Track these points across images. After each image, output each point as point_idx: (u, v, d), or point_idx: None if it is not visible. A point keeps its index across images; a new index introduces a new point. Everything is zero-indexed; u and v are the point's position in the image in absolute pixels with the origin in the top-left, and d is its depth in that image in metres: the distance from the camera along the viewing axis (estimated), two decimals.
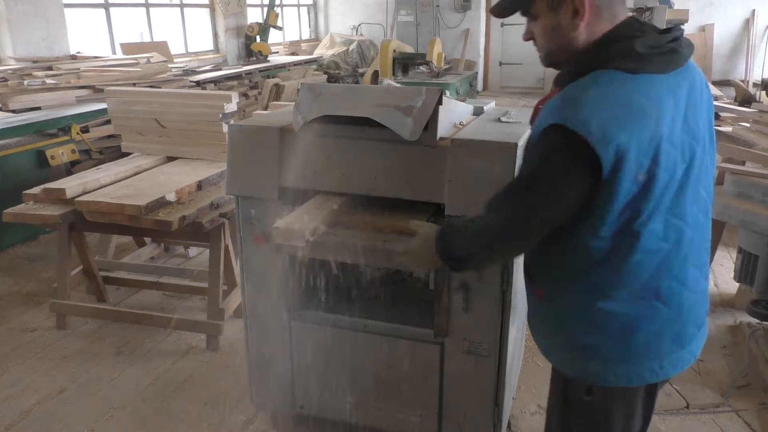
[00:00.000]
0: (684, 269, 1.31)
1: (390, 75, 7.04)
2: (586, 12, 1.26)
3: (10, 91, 5.15)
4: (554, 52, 1.35)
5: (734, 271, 3.19)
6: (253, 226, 2.10)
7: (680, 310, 1.33)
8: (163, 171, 3.37)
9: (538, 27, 1.34)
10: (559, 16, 1.29)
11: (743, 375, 2.79)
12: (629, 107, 1.18)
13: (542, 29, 1.34)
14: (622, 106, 1.18)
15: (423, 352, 2.08)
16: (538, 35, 1.35)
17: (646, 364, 1.34)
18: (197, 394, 2.75)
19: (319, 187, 2.03)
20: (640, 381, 1.35)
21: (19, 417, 2.61)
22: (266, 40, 9.84)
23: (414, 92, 1.84)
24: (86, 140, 4.64)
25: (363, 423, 2.26)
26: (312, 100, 1.88)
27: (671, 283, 1.30)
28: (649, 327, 1.32)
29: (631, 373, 1.35)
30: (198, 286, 3.51)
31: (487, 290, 1.92)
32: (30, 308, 3.56)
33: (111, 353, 3.08)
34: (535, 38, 1.37)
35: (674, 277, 1.30)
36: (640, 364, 1.34)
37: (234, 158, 2.08)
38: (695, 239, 1.31)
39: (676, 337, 1.34)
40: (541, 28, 1.34)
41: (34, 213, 2.97)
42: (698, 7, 10.59)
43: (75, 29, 7.07)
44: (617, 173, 1.17)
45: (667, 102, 1.22)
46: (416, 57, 7.55)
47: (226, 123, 3.39)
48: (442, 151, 1.85)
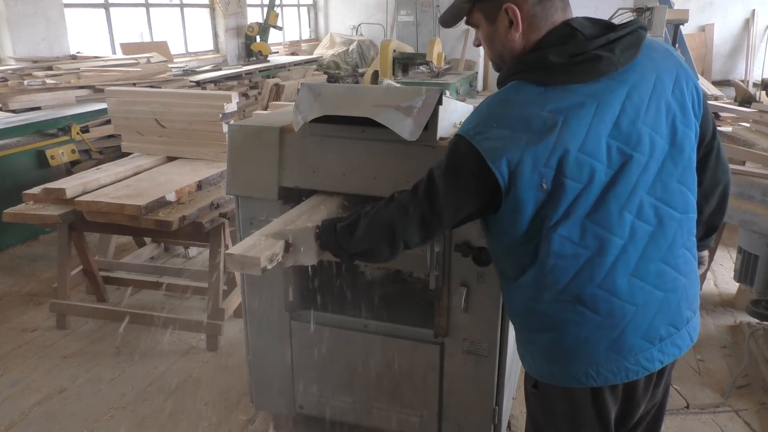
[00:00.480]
0: (612, 277, 1.28)
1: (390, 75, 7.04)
2: (519, 23, 1.30)
3: (10, 91, 5.15)
4: (497, 60, 1.39)
5: (734, 271, 3.19)
6: (253, 226, 2.10)
7: (612, 318, 1.30)
8: (163, 171, 3.37)
9: (481, 35, 1.40)
10: (496, 27, 1.34)
11: (743, 375, 2.80)
12: (527, 121, 1.22)
13: (484, 38, 1.39)
14: (520, 121, 1.22)
15: (423, 352, 2.08)
16: (482, 43, 1.41)
17: (579, 367, 1.34)
18: (197, 394, 2.75)
19: (319, 187, 2.03)
20: (575, 383, 1.36)
21: (19, 417, 2.61)
22: (266, 40, 9.85)
23: (414, 92, 1.84)
24: (86, 140, 4.64)
25: (363, 423, 2.26)
26: (312, 100, 1.88)
27: (595, 290, 1.29)
28: (576, 331, 1.33)
29: (564, 374, 1.37)
30: (198, 286, 3.51)
31: (487, 290, 1.92)
32: (30, 308, 3.56)
33: (111, 353, 3.08)
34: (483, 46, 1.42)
35: (599, 284, 1.29)
36: (573, 366, 1.35)
37: (234, 158, 2.08)
38: (630, 248, 1.28)
39: (613, 345, 1.32)
40: (482, 37, 1.39)
41: (34, 213, 2.97)
42: (698, 7, 10.59)
43: (75, 29, 7.08)
44: (515, 184, 1.22)
45: (582, 112, 1.22)
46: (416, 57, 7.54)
47: (226, 123, 3.39)
48: (442, 151, 1.85)
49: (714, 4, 10.79)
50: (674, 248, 1.33)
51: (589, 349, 1.33)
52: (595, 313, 1.30)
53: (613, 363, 1.33)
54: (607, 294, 1.29)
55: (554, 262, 1.28)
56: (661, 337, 1.35)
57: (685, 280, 1.37)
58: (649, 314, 1.32)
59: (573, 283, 1.30)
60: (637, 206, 1.27)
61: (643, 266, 1.30)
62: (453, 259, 1.92)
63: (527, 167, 1.20)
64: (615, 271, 1.28)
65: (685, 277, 1.37)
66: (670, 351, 1.37)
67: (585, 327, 1.32)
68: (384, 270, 2.54)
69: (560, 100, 1.22)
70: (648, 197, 1.28)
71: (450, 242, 1.90)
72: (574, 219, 1.25)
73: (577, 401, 1.40)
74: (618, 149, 1.24)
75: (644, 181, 1.27)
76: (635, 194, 1.26)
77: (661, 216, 1.30)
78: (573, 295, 1.30)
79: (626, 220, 1.26)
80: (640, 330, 1.32)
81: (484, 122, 1.25)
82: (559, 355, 1.36)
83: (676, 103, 1.31)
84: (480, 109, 1.30)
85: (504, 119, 1.24)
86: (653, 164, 1.27)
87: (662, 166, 1.29)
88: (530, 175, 1.21)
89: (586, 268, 1.28)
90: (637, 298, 1.30)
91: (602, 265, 1.28)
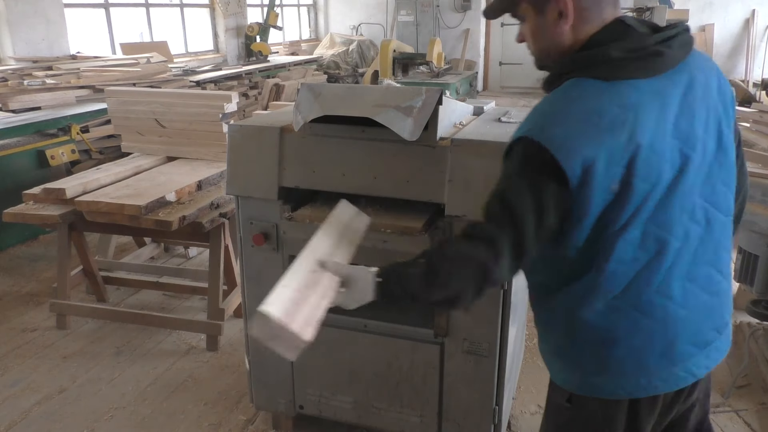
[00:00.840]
0: (668, 282, 1.25)
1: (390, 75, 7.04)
2: (570, 14, 1.24)
3: (10, 91, 5.15)
4: (542, 55, 1.33)
5: (734, 271, 3.19)
6: (253, 226, 2.10)
7: (666, 324, 1.26)
8: (163, 171, 3.37)
9: (526, 29, 1.32)
10: (544, 19, 1.27)
11: (743, 375, 2.80)
12: (599, 118, 1.15)
13: (529, 31, 1.32)
14: (590, 117, 1.15)
15: (423, 352, 2.08)
16: (527, 37, 1.33)
17: (629, 377, 1.29)
18: (197, 394, 2.75)
19: (319, 187, 2.03)
20: (623, 393, 1.31)
21: (19, 417, 2.61)
22: (266, 40, 9.84)
23: (414, 92, 1.84)
24: (86, 140, 4.64)
25: (363, 423, 2.26)
26: (312, 100, 1.88)
27: (652, 295, 1.25)
28: (629, 339, 1.27)
29: (611, 384, 1.31)
30: (198, 286, 3.51)
31: None
32: (30, 308, 3.56)
33: (111, 353, 3.08)
34: (526, 41, 1.35)
35: (656, 289, 1.24)
36: (622, 376, 1.30)
37: (234, 158, 2.08)
38: (684, 251, 1.24)
39: (665, 352, 1.28)
40: (528, 31, 1.32)
41: (34, 213, 2.97)
42: (698, 7, 10.59)
43: (75, 29, 7.07)
44: (586, 185, 1.15)
45: (649, 108, 1.17)
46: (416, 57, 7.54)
47: (226, 123, 3.39)
48: (442, 151, 1.85)
49: (714, 4, 10.79)
50: (719, 251, 1.31)
51: (641, 357, 1.28)
52: (650, 319, 1.26)
53: (663, 370, 1.29)
54: (663, 299, 1.25)
55: (614, 268, 1.22)
56: (707, 341, 1.31)
57: (726, 283, 1.35)
58: (698, 319, 1.29)
59: (630, 289, 1.24)
60: (691, 208, 1.24)
61: (694, 269, 1.27)
62: None
63: (601, 166, 1.13)
64: (671, 274, 1.25)
65: (726, 281, 1.35)
66: (714, 356, 1.33)
67: (638, 335, 1.27)
68: None
69: (627, 96, 1.17)
70: (700, 199, 1.25)
71: None
72: (638, 222, 1.19)
73: (616, 414, 1.34)
74: (679, 149, 1.20)
75: (698, 183, 1.24)
76: (691, 196, 1.23)
77: (709, 218, 1.27)
78: (629, 301, 1.25)
79: (683, 222, 1.23)
80: (690, 335, 1.29)
81: (551, 120, 1.18)
82: (608, 365, 1.30)
83: (720, 105, 1.28)
84: (541, 108, 1.22)
85: (573, 115, 1.16)
86: (704, 166, 1.24)
87: (710, 168, 1.26)
88: (602, 175, 1.14)
89: (644, 273, 1.23)
90: (689, 302, 1.27)
91: (660, 269, 1.23)
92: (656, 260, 1.23)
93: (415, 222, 1.93)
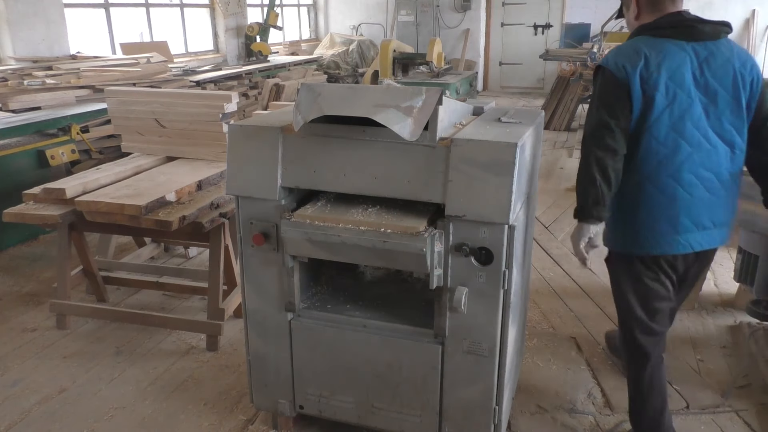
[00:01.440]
0: (680, 171, 1.91)
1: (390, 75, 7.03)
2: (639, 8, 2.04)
3: (10, 91, 5.15)
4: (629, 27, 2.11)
5: (734, 271, 3.19)
6: (253, 226, 2.10)
7: (674, 200, 1.93)
8: (163, 171, 3.37)
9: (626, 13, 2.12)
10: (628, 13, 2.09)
11: (743, 375, 2.80)
12: (638, 52, 1.91)
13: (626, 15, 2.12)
14: (634, 52, 1.91)
15: (423, 352, 2.08)
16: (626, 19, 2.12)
17: (646, 237, 1.97)
18: (197, 394, 2.75)
19: (319, 187, 2.03)
20: (639, 249, 2.00)
21: (19, 417, 2.61)
22: (266, 40, 9.84)
23: (414, 92, 1.84)
24: (86, 140, 4.64)
25: (363, 423, 2.26)
26: (312, 100, 1.88)
27: (667, 179, 1.92)
28: (650, 208, 1.95)
29: (631, 241, 2.01)
30: (198, 286, 3.51)
31: (487, 290, 1.93)
32: (30, 308, 3.56)
33: (111, 353, 3.08)
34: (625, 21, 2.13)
35: (671, 174, 1.91)
36: (641, 235, 1.98)
37: (234, 158, 2.08)
38: (695, 156, 1.90)
39: (671, 221, 1.94)
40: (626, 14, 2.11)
41: (34, 213, 2.97)
42: (698, 7, 10.58)
43: (75, 29, 7.08)
44: (629, 89, 1.88)
45: (675, 56, 1.89)
46: (416, 57, 7.53)
47: (226, 123, 3.39)
48: (442, 151, 1.85)
49: (714, 4, 10.79)
50: (721, 169, 1.95)
51: (653, 221, 1.95)
52: (663, 195, 1.93)
53: (669, 236, 1.95)
54: (674, 183, 1.92)
55: (644, 154, 1.92)
56: (704, 226, 1.97)
57: (724, 191, 1.97)
58: (699, 206, 1.94)
59: (655, 170, 1.92)
60: (704, 130, 1.91)
61: (700, 171, 1.92)
62: (453, 259, 1.92)
63: (636, 79, 1.87)
64: (682, 167, 1.91)
65: (724, 188, 1.97)
66: (708, 240, 1.99)
67: (655, 205, 1.94)
68: (384, 270, 2.55)
69: (661, 45, 1.91)
70: (709, 128, 1.92)
71: (450, 242, 1.90)
72: (661, 124, 1.89)
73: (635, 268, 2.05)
74: (696, 88, 1.90)
75: (709, 115, 1.91)
76: (702, 121, 1.91)
77: (715, 143, 1.93)
78: (651, 180, 1.93)
79: (695, 135, 1.90)
80: (691, 215, 1.94)
81: (612, 55, 1.96)
82: (633, 224, 1.98)
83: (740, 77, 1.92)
84: (615, 48, 2.00)
85: (624, 51, 1.94)
86: (715, 106, 1.91)
87: (722, 110, 1.92)
88: (637, 84, 1.87)
89: (664, 162, 1.91)
90: (693, 191, 1.93)
91: (674, 161, 1.91)
92: (672, 154, 1.91)
93: (415, 222, 1.93)
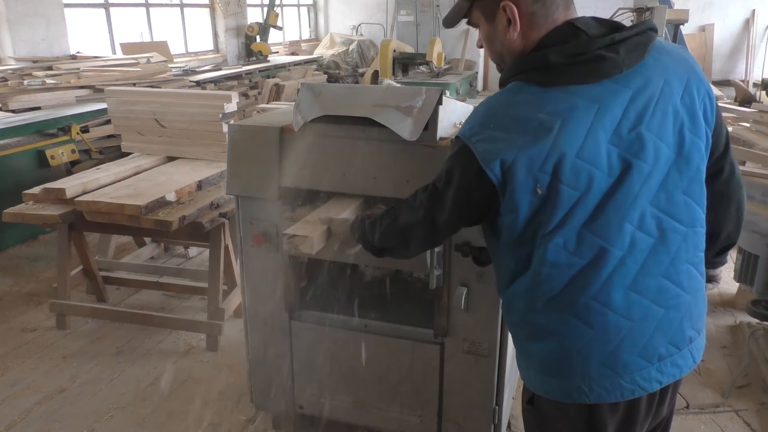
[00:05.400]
0: (607, 290, 1.23)
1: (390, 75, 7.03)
2: (517, 21, 1.26)
3: (10, 91, 5.15)
4: (498, 60, 1.37)
5: (734, 271, 3.19)
6: (253, 226, 2.10)
7: (606, 332, 1.24)
8: (163, 171, 3.37)
9: (481, 35, 1.38)
10: (494, 26, 1.31)
11: (743, 375, 2.80)
12: (524, 124, 1.18)
13: (483, 37, 1.37)
14: (516, 123, 1.19)
15: (423, 352, 2.08)
16: (483, 43, 1.39)
17: (572, 381, 1.28)
18: (197, 394, 2.75)
19: (319, 187, 2.03)
20: (567, 398, 1.30)
21: (19, 417, 2.61)
22: (266, 40, 9.85)
23: (414, 92, 1.84)
24: (86, 140, 4.64)
25: (363, 423, 2.26)
26: (312, 100, 1.88)
27: (589, 301, 1.23)
28: (571, 343, 1.27)
29: (558, 388, 1.31)
30: (198, 286, 3.51)
31: (487, 290, 1.92)
32: (30, 308, 3.56)
33: (111, 353, 3.08)
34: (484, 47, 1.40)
35: (593, 296, 1.23)
36: (566, 380, 1.29)
37: (234, 158, 2.08)
38: (629, 261, 1.22)
39: (606, 360, 1.25)
40: (483, 37, 1.37)
41: (34, 213, 2.97)
42: (698, 7, 10.59)
43: (75, 29, 7.08)
44: (508, 186, 1.19)
45: (583, 114, 1.17)
46: (416, 57, 7.53)
47: (226, 123, 3.39)
48: (442, 151, 1.85)
49: (714, 4, 10.79)
50: (677, 263, 1.27)
51: (581, 363, 1.27)
52: (587, 325, 1.25)
53: (606, 380, 1.26)
54: (601, 306, 1.23)
55: (548, 271, 1.24)
56: (660, 355, 1.28)
57: (689, 297, 1.30)
58: (646, 331, 1.26)
59: (566, 292, 1.25)
60: (639, 217, 1.21)
61: (642, 280, 1.24)
62: (453, 259, 1.92)
63: (521, 170, 1.17)
64: (611, 283, 1.23)
65: (689, 295, 1.30)
66: (669, 371, 1.29)
67: (577, 339, 1.26)
68: (384, 270, 2.54)
69: (559, 102, 1.18)
70: (651, 208, 1.22)
71: (450, 242, 1.90)
72: (570, 227, 1.20)
73: (573, 418, 1.32)
74: (619, 156, 1.18)
75: (647, 191, 1.21)
76: (637, 204, 1.20)
77: (664, 228, 1.24)
78: (566, 305, 1.25)
79: (626, 230, 1.21)
80: (636, 347, 1.26)
81: (480, 123, 1.24)
82: (552, 367, 1.31)
83: (684, 110, 1.24)
84: (478, 110, 1.28)
85: (500, 120, 1.21)
86: (657, 173, 1.21)
87: (667, 176, 1.22)
88: (524, 178, 1.17)
89: (581, 278, 1.23)
90: (633, 313, 1.24)
91: (598, 276, 1.22)
92: (593, 267, 1.22)
93: None
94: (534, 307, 1.30)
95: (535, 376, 1.36)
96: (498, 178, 1.19)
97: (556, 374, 1.31)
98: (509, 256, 1.32)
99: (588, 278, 1.23)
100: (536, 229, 1.23)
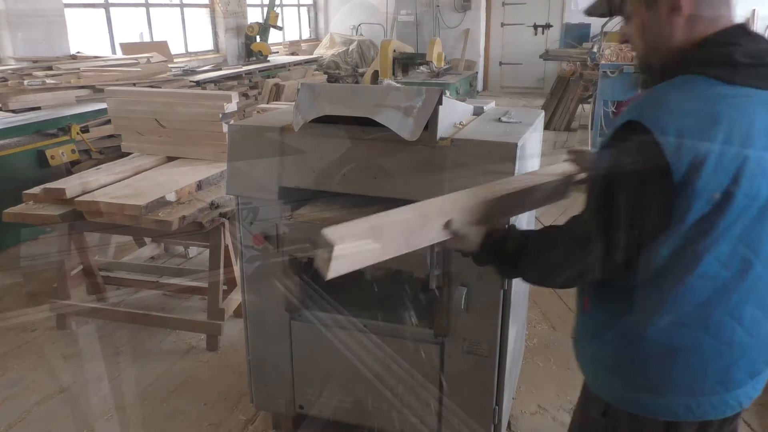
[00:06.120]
0: (742, 305, 1.18)
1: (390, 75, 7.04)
2: (686, 6, 1.16)
3: (10, 91, 5.15)
4: (650, 52, 1.23)
5: None
6: (253, 226, 2.10)
7: (730, 348, 1.20)
8: (163, 171, 3.37)
9: (633, 26, 1.24)
10: (656, 12, 1.19)
11: None
12: (716, 117, 1.08)
13: (637, 28, 1.24)
14: (708, 115, 1.08)
15: (423, 352, 2.08)
16: (633, 35, 1.25)
17: (680, 398, 1.22)
18: (197, 394, 2.75)
19: (319, 187, 2.03)
20: (672, 416, 1.24)
21: (19, 417, 2.61)
22: (266, 40, 9.84)
23: (414, 92, 1.84)
24: (86, 140, 4.64)
25: (363, 423, 2.26)
26: (312, 100, 1.88)
27: (724, 317, 1.17)
28: (690, 360, 1.20)
29: (660, 405, 1.24)
30: (198, 286, 3.50)
31: (487, 290, 1.92)
32: (30, 308, 3.56)
33: (111, 353, 3.08)
34: (630, 40, 1.26)
35: (729, 311, 1.17)
36: (674, 397, 1.23)
37: (234, 158, 2.07)
38: (765, 276, 1.17)
39: (722, 377, 1.21)
40: (635, 27, 1.24)
41: (34, 213, 2.97)
42: None
43: (75, 29, 7.07)
44: (689, 187, 1.07)
45: (761, 120, 1.10)
46: (416, 57, 7.54)
47: (226, 123, 3.39)
48: (442, 151, 1.85)
49: None
50: None
51: (697, 380, 1.21)
52: (716, 340, 1.19)
53: (715, 396, 1.22)
54: (734, 322, 1.18)
55: (694, 283, 1.15)
56: (758, 371, 1.26)
57: None
58: (758, 348, 1.23)
59: (704, 306, 1.17)
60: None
61: (765, 296, 1.20)
62: (453, 259, 1.92)
63: (709, 169, 1.06)
64: (747, 298, 1.18)
65: None
66: (758, 387, 1.27)
67: (700, 356, 1.20)
68: (384, 270, 2.54)
69: (744, 103, 1.10)
70: None
71: None
72: (729, 237, 1.12)
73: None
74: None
75: None
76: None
77: None
78: (699, 319, 1.18)
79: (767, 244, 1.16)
80: (748, 364, 1.23)
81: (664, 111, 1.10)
82: (660, 384, 1.23)
83: None
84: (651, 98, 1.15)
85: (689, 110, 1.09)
86: None
87: None
88: (709, 179, 1.06)
89: (723, 292, 1.16)
90: (754, 330, 1.20)
91: (738, 290, 1.17)
92: (736, 280, 1.16)
93: None
94: (655, 322, 1.20)
95: (624, 390, 1.28)
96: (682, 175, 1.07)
97: (663, 391, 1.24)
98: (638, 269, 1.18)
99: (730, 292, 1.17)
100: (694, 239, 1.12)
